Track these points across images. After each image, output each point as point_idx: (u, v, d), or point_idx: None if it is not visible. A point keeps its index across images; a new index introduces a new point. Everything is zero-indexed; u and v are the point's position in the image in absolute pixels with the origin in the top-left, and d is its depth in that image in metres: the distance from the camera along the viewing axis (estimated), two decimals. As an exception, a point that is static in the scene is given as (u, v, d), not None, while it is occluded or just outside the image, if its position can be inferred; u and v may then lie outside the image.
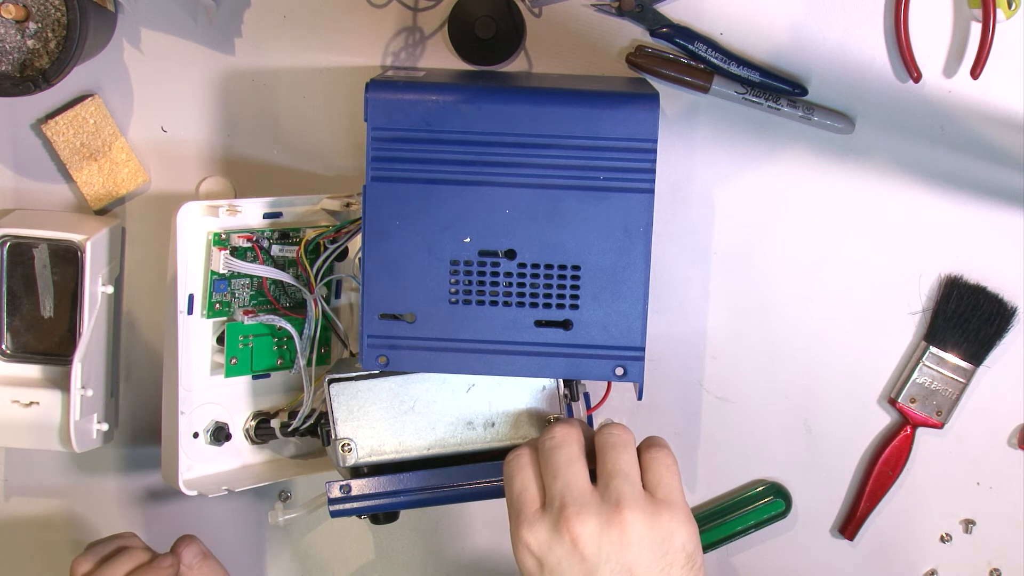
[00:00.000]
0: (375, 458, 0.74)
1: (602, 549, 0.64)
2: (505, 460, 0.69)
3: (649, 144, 0.69)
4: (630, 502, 0.64)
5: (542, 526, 0.65)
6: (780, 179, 0.82)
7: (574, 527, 0.64)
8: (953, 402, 0.84)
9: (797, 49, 0.80)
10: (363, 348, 0.71)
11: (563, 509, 0.64)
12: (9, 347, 0.81)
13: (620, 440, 0.67)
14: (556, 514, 0.64)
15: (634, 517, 0.64)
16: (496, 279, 0.70)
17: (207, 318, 0.77)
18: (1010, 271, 0.83)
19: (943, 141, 0.81)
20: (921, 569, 0.88)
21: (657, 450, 0.68)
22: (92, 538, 0.80)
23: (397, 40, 0.81)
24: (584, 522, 0.64)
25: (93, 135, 0.81)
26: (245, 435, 0.81)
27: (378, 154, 0.69)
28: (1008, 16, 0.79)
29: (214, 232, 0.76)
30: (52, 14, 0.74)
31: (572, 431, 0.68)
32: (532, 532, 0.65)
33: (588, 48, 0.81)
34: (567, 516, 0.64)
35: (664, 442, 0.69)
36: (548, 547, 0.64)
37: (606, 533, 0.64)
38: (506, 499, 0.68)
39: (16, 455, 0.87)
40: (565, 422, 0.69)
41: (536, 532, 0.65)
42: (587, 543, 0.64)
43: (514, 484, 0.67)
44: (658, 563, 0.64)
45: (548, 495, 0.66)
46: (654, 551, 0.64)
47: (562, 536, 0.64)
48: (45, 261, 0.80)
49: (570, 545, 0.64)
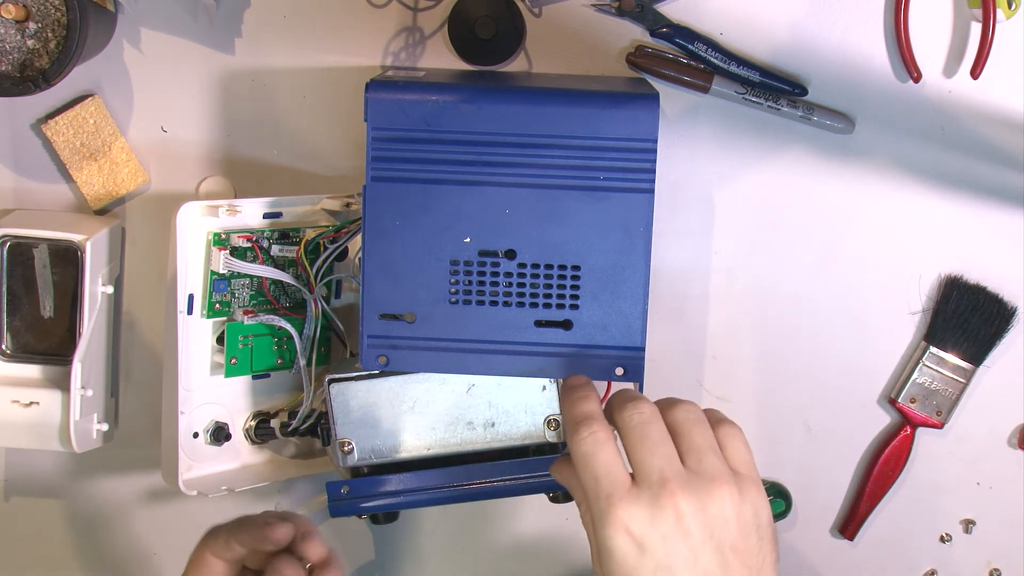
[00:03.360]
0: (375, 458, 0.74)
1: (705, 525, 0.61)
2: (573, 440, 0.63)
3: (649, 144, 0.69)
4: (725, 478, 0.62)
5: (640, 503, 0.61)
6: (780, 179, 0.82)
7: (679, 502, 0.60)
8: (953, 402, 0.84)
9: (797, 49, 0.80)
10: (363, 348, 0.71)
11: (665, 483, 0.61)
12: (9, 347, 0.81)
13: (700, 416, 0.65)
14: (656, 489, 0.61)
15: (731, 492, 0.62)
16: (496, 279, 0.70)
17: (207, 318, 0.77)
18: (1010, 271, 0.83)
19: (943, 141, 0.81)
20: (921, 569, 0.88)
21: (729, 426, 0.65)
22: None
23: (397, 40, 0.81)
24: (688, 496, 0.60)
25: (93, 135, 0.81)
26: (245, 435, 0.81)
27: (378, 154, 0.69)
28: (1008, 16, 0.79)
29: (214, 232, 0.76)
30: (52, 14, 0.74)
31: (652, 406, 0.64)
32: (630, 510, 0.60)
33: (588, 48, 0.81)
34: (671, 490, 0.60)
35: (727, 417, 0.66)
36: (651, 524, 0.60)
37: (707, 508, 0.61)
38: (583, 480, 0.62)
39: (16, 455, 0.87)
40: (639, 396, 0.65)
41: (635, 510, 0.60)
42: (692, 518, 0.60)
43: (597, 463, 0.62)
44: (752, 537, 0.62)
45: (642, 471, 0.61)
46: (747, 526, 0.62)
47: (665, 512, 0.60)
48: (45, 261, 0.80)
49: (674, 521, 0.60)
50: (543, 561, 0.89)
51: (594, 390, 0.67)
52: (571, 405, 0.66)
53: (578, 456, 0.63)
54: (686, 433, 0.64)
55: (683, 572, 0.60)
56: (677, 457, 0.62)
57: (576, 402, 0.66)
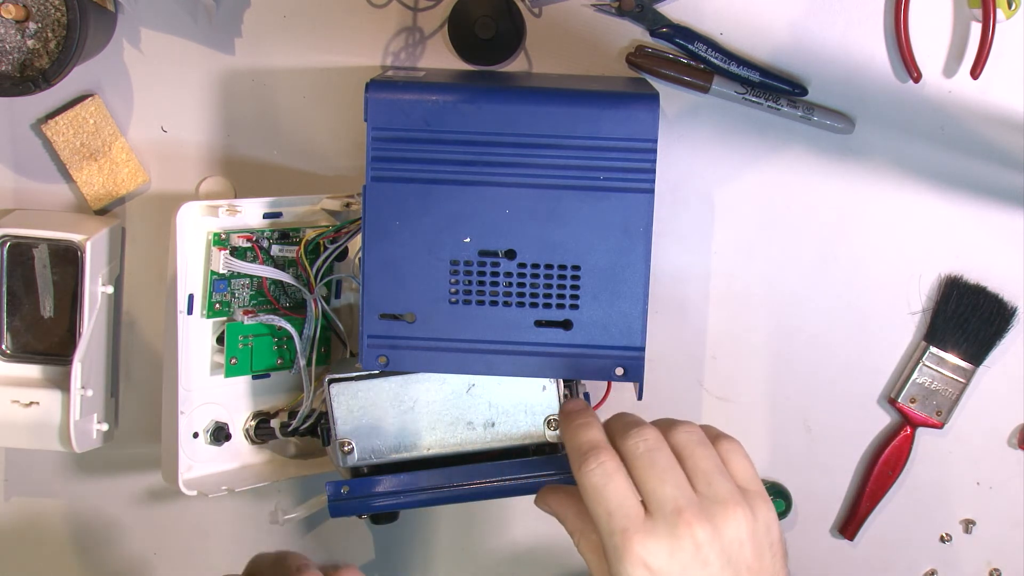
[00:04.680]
0: (375, 458, 0.74)
1: (723, 552, 0.60)
2: (580, 471, 0.62)
3: (649, 144, 0.69)
4: (736, 499, 0.61)
5: (657, 536, 0.59)
6: (780, 179, 0.82)
7: (696, 531, 0.59)
8: (953, 402, 0.84)
9: (797, 49, 0.80)
10: (363, 348, 0.71)
11: (680, 513, 0.59)
12: (9, 347, 0.81)
13: (702, 437, 0.63)
14: (672, 519, 0.59)
15: (744, 514, 0.61)
16: (496, 279, 0.70)
17: (207, 318, 0.77)
18: (1010, 271, 0.83)
19: (943, 141, 0.81)
20: (921, 569, 0.88)
21: (728, 441, 0.64)
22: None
23: (397, 40, 0.81)
24: (704, 524, 0.59)
25: (93, 135, 0.81)
26: (245, 435, 0.81)
27: (378, 154, 0.69)
28: (1008, 16, 0.79)
29: (214, 232, 0.76)
30: (52, 14, 0.74)
31: (656, 431, 0.63)
32: (647, 545, 0.59)
33: (588, 48, 0.81)
34: (687, 520, 0.59)
35: (725, 432, 0.65)
36: (669, 557, 0.59)
37: (722, 534, 0.60)
38: (595, 513, 0.61)
39: (16, 455, 0.87)
40: (640, 421, 0.64)
41: (652, 543, 0.59)
42: (710, 547, 0.59)
43: (608, 495, 0.60)
44: (766, 556, 0.61)
45: (655, 501, 0.60)
46: (761, 546, 0.61)
47: (683, 542, 0.59)
48: (45, 261, 0.80)
49: (693, 551, 0.59)
50: (543, 561, 0.89)
51: (594, 415, 0.65)
52: (573, 433, 0.64)
53: (587, 488, 0.61)
54: (690, 456, 0.62)
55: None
56: (687, 483, 0.61)
57: (578, 430, 0.64)
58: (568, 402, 0.67)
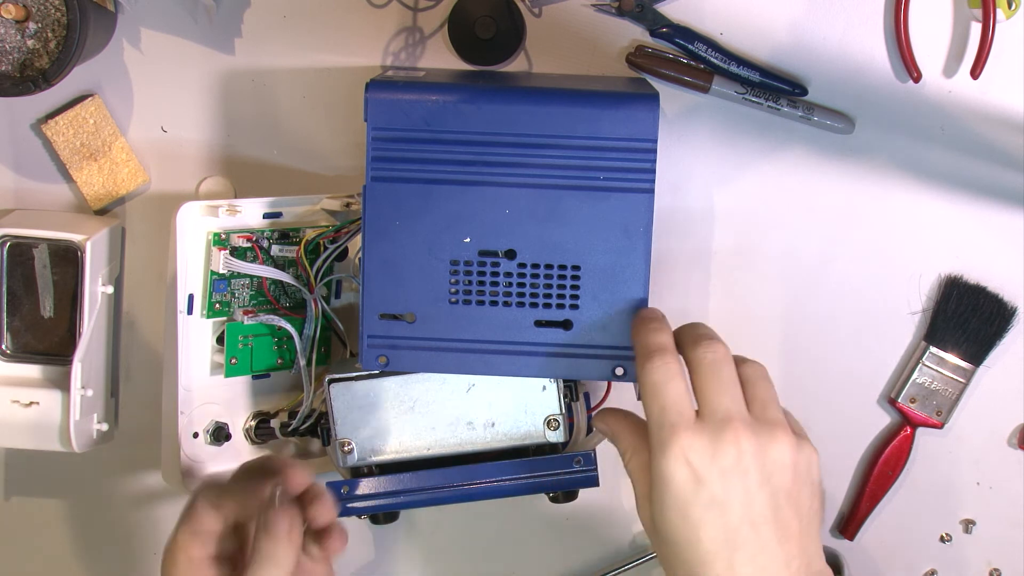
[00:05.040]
0: (375, 458, 0.74)
1: (764, 467, 0.62)
2: (644, 368, 0.64)
3: (649, 144, 0.69)
4: (787, 428, 0.63)
5: (703, 436, 0.61)
6: (780, 179, 0.82)
7: (741, 440, 0.61)
8: (953, 402, 0.84)
9: (797, 49, 0.80)
10: (363, 348, 0.71)
11: (730, 421, 0.62)
12: (9, 347, 0.81)
13: (768, 376, 0.66)
14: (721, 425, 0.62)
15: (791, 442, 0.63)
16: (496, 279, 0.70)
17: (207, 318, 0.77)
18: (1010, 271, 0.83)
19: (943, 141, 0.81)
20: (921, 569, 0.88)
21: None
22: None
23: (397, 40, 0.81)
24: (750, 437, 0.62)
25: (93, 135, 0.81)
26: (245, 435, 0.81)
27: (378, 154, 0.70)
28: (1008, 16, 0.79)
29: (214, 232, 0.76)
30: (52, 14, 0.74)
31: (727, 348, 0.65)
32: (692, 441, 0.61)
33: (588, 48, 0.81)
34: (735, 428, 0.61)
35: None
36: (711, 458, 0.61)
37: (767, 452, 0.62)
38: (649, 409, 0.63)
39: (16, 455, 0.87)
40: (714, 335, 0.66)
41: (697, 441, 0.61)
42: (752, 459, 0.61)
43: (666, 392, 0.63)
44: (805, 489, 0.63)
45: (709, 406, 0.63)
46: (802, 477, 0.63)
47: (726, 447, 0.61)
48: (45, 261, 0.80)
49: (735, 458, 0.61)
50: (543, 561, 0.89)
51: (668, 325, 0.67)
52: (645, 335, 0.66)
53: (648, 384, 0.64)
54: (753, 384, 0.65)
55: (736, 510, 0.61)
56: (744, 401, 0.64)
57: (651, 332, 0.66)
58: (644, 309, 0.69)
